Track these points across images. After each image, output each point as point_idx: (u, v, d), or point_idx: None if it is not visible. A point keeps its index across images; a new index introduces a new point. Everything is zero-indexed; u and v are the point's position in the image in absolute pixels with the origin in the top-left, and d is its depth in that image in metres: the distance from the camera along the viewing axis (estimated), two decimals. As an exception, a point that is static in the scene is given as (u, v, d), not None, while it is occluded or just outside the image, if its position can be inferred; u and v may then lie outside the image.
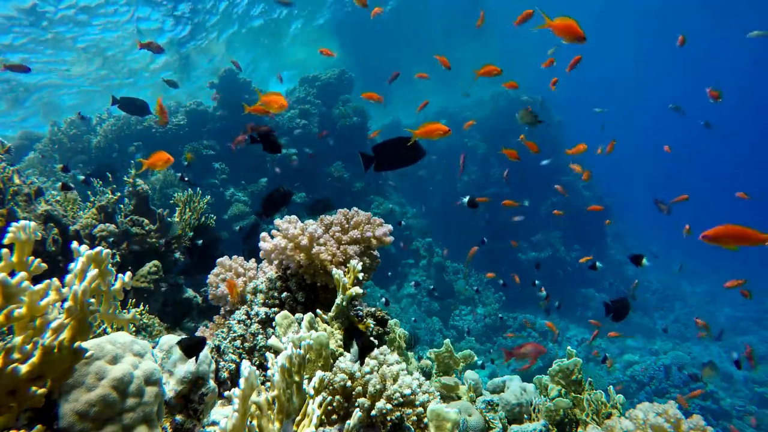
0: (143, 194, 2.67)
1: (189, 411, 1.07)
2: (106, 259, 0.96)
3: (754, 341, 9.02)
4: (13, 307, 0.76)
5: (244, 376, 0.84)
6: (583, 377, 1.70)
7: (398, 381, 1.14)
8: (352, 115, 8.03)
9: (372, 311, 1.60)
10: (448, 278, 8.06)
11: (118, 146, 6.68)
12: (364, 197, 7.75)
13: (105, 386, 0.85)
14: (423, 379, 1.24)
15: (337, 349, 1.40)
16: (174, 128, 6.95)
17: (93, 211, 2.52)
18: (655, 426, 1.15)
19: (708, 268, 13.84)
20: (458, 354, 1.95)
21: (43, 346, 0.77)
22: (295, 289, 1.66)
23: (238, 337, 1.57)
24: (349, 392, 1.14)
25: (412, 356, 1.97)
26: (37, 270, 0.85)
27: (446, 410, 1.10)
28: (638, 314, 9.58)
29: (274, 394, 0.93)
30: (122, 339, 0.95)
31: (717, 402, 6.47)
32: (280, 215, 1.71)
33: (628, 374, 7.05)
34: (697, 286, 12.76)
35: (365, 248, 1.67)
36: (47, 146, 6.55)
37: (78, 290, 0.81)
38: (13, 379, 0.74)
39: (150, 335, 2.06)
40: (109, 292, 1.01)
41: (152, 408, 0.91)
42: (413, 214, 8.96)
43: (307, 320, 1.39)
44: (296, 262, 1.62)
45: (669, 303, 11.09)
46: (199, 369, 1.09)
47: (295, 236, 1.60)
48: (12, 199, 2.22)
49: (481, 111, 11.66)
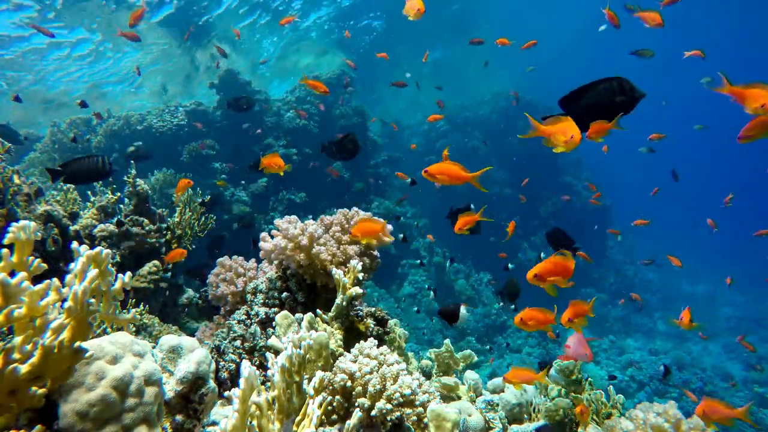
0: (143, 194, 2.67)
1: (189, 411, 1.07)
2: (106, 259, 0.96)
3: (755, 341, 9.01)
4: (13, 307, 0.76)
5: (244, 376, 0.84)
6: (583, 377, 1.70)
7: (398, 381, 1.14)
8: (352, 114, 8.03)
9: (372, 311, 1.60)
10: (448, 278, 8.06)
11: (119, 146, 6.68)
12: (364, 197, 7.75)
13: (105, 386, 0.85)
14: (423, 379, 1.24)
15: (337, 349, 1.40)
16: (174, 128, 6.95)
17: (93, 211, 2.52)
18: (655, 426, 1.15)
19: (708, 268, 13.84)
20: (458, 354, 1.95)
21: (43, 346, 0.77)
22: (295, 289, 1.66)
23: (238, 337, 1.57)
24: (349, 392, 1.14)
25: (412, 356, 1.97)
26: (37, 270, 0.85)
27: (446, 410, 1.10)
28: (638, 314, 9.59)
29: (274, 394, 0.93)
30: (122, 339, 0.95)
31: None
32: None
33: (628, 374, 7.06)
34: (697, 286, 12.75)
35: (365, 248, 1.67)
36: (47, 146, 6.55)
37: (78, 290, 0.81)
38: (13, 379, 0.74)
39: (150, 335, 2.06)
40: (109, 292, 1.01)
41: (152, 408, 0.91)
42: (413, 214, 8.96)
43: (307, 320, 1.39)
44: (296, 262, 1.62)
45: (669, 303, 11.09)
46: (199, 369, 1.09)
47: (295, 236, 1.60)
48: (12, 199, 2.22)
49: (481, 110, 11.66)
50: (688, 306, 2.32)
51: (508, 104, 11.20)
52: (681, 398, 6.05)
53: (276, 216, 5.61)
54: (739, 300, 11.68)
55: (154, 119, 7.00)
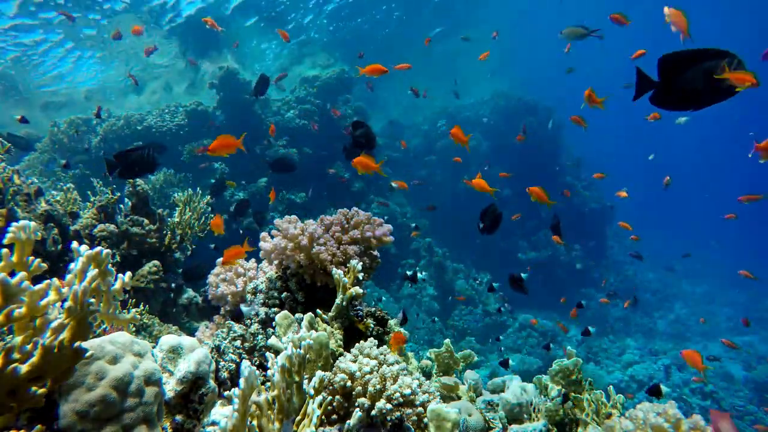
0: (143, 194, 2.67)
1: (189, 411, 1.07)
2: (106, 259, 0.96)
3: (755, 341, 9.02)
4: (13, 307, 0.76)
5: (244, 376, 0.84)
6: (583, 377, 1.70)
7: (398, 381, 1.14)
8: (352, 114, 8.03)
9: (372, 311, 1.60)
10: (448, 278, 8.06)
11: (118, 146, 6.68)
12: (364, 197, 7.75)
13: (105, 386, 0.85)
14: (423, 379, 1.24)
15: (337, 349, 1.40)
16: (174, 128, 6.95)
17: (93, 211, 2.52)
18: (655, 426, 1.15)
19: (708, 268, 13.84)
20: (458, 354, 1.95)
21: (43, 346, 0.77)
22: (295, 289, 1.66)
23: (238, 337, 1.57)
24: (349, 392, 1.14)
25: (412, 356, 1.97)
26: (37, 270, 0.85)
27: (446, 410, 1.10)
28: (638, 314, 9.59)
29: (274, 394, 0.93)
30: (122, 339, 0.95)
31: (717, 402, 6.47)
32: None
33: (628, 374, 7.06)
34: (697, 287, 12.76)
35: (365, 248, 1.67)
36: (47, 146, 6.55)
37: (78, 290, 0.81)
38: (13, 379, 0.74)
39: (150, 335, 2.06)
40: (109, 292, 1.01)
41: (152, 408, 0.91)
42: (413, 214, 8.96)
43: (307, 320, 1.39)
44: (296, 262, 1.62)
45: (669, 303, 11.09)
46: (199, 369, 1.09)
47: (295, 236, 1.60)
48: (12, 199, 2.22)
49: (481, 110, 11.66)
50: (696, 352, 2.40)
51: (509, 104, 11.20)
52: (680, 398, 6.06)
53: (276, 216, 5.60)
54: (739, 300, 11.69)
55: (154, 119, 7.01)
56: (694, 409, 6.15)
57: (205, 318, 2.66)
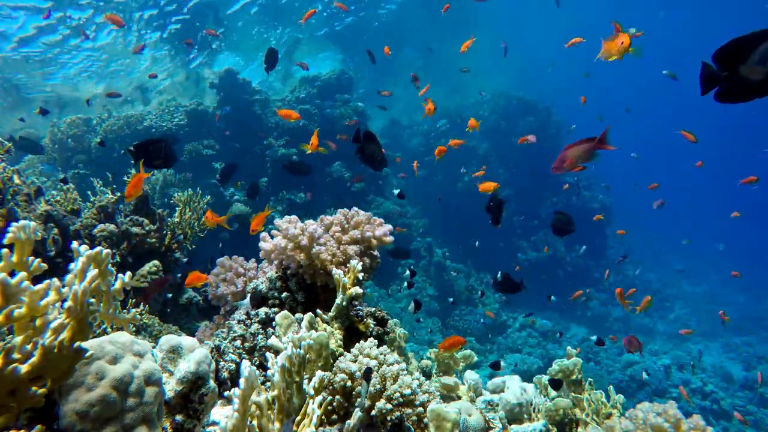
0: (143, 194, 2.67)
1: (189, 411, 1.07)
2: (106, 259, 0.96)
3: (754, 341, 9.02)
4: (13, 307, 0.76)
5: (244, 376, 0.84)
6: (583, 377, 1.70)
7: (398, 381, 1.14)
8: (353, 114, 8.02)
9: (372, 311, 1.60)
10: (448, 278, 8.06)
11: (118, 146, 6.68)
12: (364, 197, 7.75)
13: (105, 386, 0.85)
14: (423, 379, 1.24)
15: (337, 349, 1.40)
16: (174, 128, 6.96)
17: (93, 211, 2.52)
18: (655, 426, 1.15)
19: (708, 268, 13.84)
20: (458, 354, 1.95)
21: (43, 346, 0.77)
22: (295, 289, 1.66)
23: (238, 337, 1.57)
24: (349, 392, 1.14)
25: (412, 356, 1.97)
26: (37, 270, 0.85)
27: (446, 410, 1.10)
28: (638, 314, 9.58)
29: (274, 394, 0.93)
30: (122, 339, 0.95)
31: (717, 402, 6.47)
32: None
33: (628, 374, 7.06)
34: (697, 286, 12.76)
35: (365, 248, 1.67)
36: (47, 146, 6.55)
37: (78, 290, 0.81)
38: (13, 379, 0.74)
39: (150, 335, 2.06)
40: (109, 292, 1.01)
41: (152, 408, 0.91)
42: (413, 214, 8.96)
43: (307, 320, 1.39)
44: (296, 262, 1.62)
45: (669, 303, 11.09)
46: (199, 369, 1.09)
47: (295, 236, 1.60)
48: (12, 199, 2.22)
49: (481, 110, 11.66)
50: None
51: (509, 104, 11.20)
52: (680, 398, 6.05)
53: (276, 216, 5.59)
54: (739, 299, 11.69)
55: (154, 119, 7.01)
56: (694, 409, 6.15)
57: (205, 318, 2.66)
